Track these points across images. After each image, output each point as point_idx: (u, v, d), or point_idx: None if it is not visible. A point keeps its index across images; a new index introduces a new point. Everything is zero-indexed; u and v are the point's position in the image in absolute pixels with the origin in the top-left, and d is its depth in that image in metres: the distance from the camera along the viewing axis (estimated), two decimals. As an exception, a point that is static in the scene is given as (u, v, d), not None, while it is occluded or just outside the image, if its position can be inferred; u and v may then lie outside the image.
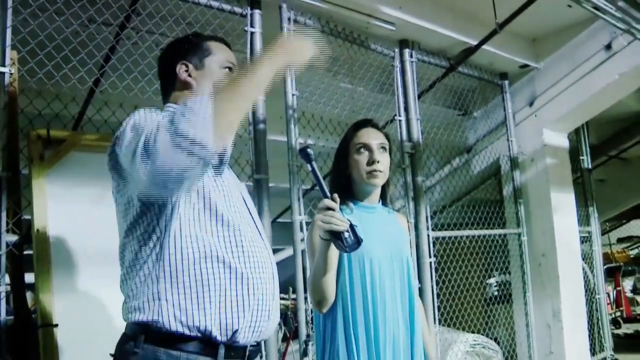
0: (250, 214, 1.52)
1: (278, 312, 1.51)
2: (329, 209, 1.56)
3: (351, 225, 1.57)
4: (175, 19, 2.74)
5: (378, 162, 1.86)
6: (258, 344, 1.48)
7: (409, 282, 1.87)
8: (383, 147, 1.91)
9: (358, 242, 1.57)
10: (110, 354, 1.39)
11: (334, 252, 1.69)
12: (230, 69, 1.55)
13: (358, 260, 1.78)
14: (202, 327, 1.31)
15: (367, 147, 1.89)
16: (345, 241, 1.56)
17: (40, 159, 2.35)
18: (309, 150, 1.58)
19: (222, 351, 1.33)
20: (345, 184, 1.92)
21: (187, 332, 1.30)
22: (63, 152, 2.40)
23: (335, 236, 1.58)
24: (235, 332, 1.34)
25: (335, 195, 1.59)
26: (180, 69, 1.53)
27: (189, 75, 1.53)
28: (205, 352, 1.31)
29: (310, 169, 1.58)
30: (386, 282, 1.80)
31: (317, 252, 1.71)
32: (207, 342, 1.32)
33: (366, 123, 1.97)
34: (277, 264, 1.54)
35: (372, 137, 1.91)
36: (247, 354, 1.41)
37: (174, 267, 1.32)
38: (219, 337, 1.32)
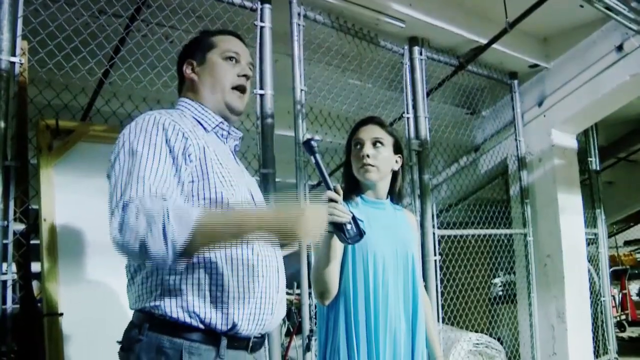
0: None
1: (283, 305, 1.51)
2: (332, 200, 1.57)
3: (354, 217, 1.58)
4: (185, 11, 2.74)
5: (368, 156, 1.87)
6: (262, 335, 1.48)
7: (414, 279, 1.87)
8: (378, 142, 1.91)
9: (360, 234, 1.58)
10: (118, 342, 1.41)
11: (337, 244, 1.70)
12: (232, 58, 1.58)
13: (362, 254, 1.79)
14: (202, 315, 1.32)
15: (360, 143, 1.91)
16: (348, 233, 1.58)
17: (48, 149, 2.37)
18: (312, 142, 1.58)
19: (224, 342, 1.34)
20: (352, 180, 1.94)
21: (188, 319, 1.32)
22: (71, 142, 2.42)
23: (337, 228, 1.59)
24: (235, 324, 1.35)
25: (338, 187, 1.59)
26: (187, 68, 1.59)
27: (193, 72, 1.58)
28: (207, 341, 1.33)
29: (314, 161, 1.59)
30: (390, 277, 1.80)
31: (320, 244, 1.72)
32: (209, 332, 1.33)
33: (367, 120, 1.98)
34: (282, 258, 1.55)
35: (367, 133, 1.93)
36: (251, 344, 1.42)
37: None
38: (219, 327, 1.34)
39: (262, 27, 2.85)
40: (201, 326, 1.32)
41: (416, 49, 3.67)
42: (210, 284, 1.33)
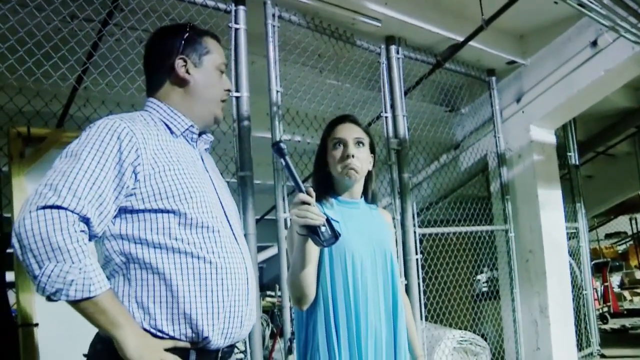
0: (226, 214, 1.48)
1: (254, 316, 1.48)
2: (304, 203, 1.54)
3: (328, 220, 1.54)
4: (159, 15, 2.71)
5: (353, 156, 1.84)
6: (232, 346, 1.46)
7: (393, 278, 1.85)
8: (360, 142, 1.88)
9: (335, 236, 1.53)
10: (84, 355, 1.37)
11: (312, 247, 1.65)
12: (222, 71, 1.55)
13: (339, 255, 1.75)
14: (171, 334, 1.30)
15: (343, 142, 1.87)
16: (322, 235, 1.52)
17: (20, 157, 2.34)
18: (281, 144, 1.54)
19: (193, 356, 1.33)
20: (325, 180, 1.90)
21: (158, 335, 1.29)
22: (43, 149, 2.39)
23: (311, 231, 1.54)
24: (205, 339, 1.33)
25: (311, 189, 1.55)
26: (179, 64, 1.48)
27: (187, 72, 1.49)
28: (176, 353, 1.29)
29: (283, 163, 1.54)
30: (368, 277, 1.78)
31: (295, 248, 1.69)
32: (177, 347, 1.31)
33: (344, 119, 1.95)
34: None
35: (348, 132, 1.89)
36: (220, 355, 1.40)
37: (145, 274, 1.31)
38: (188, 343, 1.32)
39: (236, 29, 2.83)
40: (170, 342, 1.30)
41: (393, 47, 3.68)
42: (179, 302, 1.30)
